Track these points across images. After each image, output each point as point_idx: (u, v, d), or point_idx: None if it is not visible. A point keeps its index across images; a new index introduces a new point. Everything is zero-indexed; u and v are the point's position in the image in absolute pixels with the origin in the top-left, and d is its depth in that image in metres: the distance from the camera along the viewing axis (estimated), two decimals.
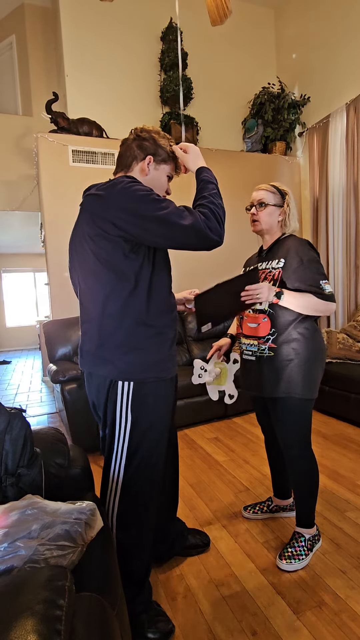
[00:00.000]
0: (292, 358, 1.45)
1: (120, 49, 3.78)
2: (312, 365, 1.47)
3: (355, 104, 3.48)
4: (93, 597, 0.68)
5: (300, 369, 1.45)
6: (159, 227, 1.02)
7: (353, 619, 1.26)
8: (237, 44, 4.32)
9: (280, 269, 1.46)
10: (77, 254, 1.20)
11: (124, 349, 1.13)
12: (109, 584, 0.84)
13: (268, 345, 1.48)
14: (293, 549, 1.54)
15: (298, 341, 1.45)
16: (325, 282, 1.43)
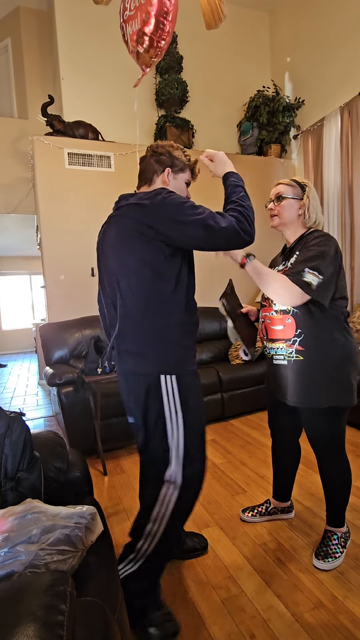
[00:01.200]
0: (324, 363, 1.39)
1: (116, 52, 3.79)
2: (344, 370, 1.41)
3: (349, 107, 3.51)
4: (94, 602, 0.68)
5: (331, 376, 1.39)
6: (197, 230, 1.11)
7: (351, 620, 1.27)
8: (232, 48, 4.34)
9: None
10: (113, 257, 1.26)
11: (169, 345, 1.21)
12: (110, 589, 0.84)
13: (295, 347, 1.42)
14: (328, 547, 1.54)
15: (329, 344, 1.39)
16: (310, 271, 1.33)
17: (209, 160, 1.37)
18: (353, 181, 3.52)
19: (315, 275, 1.33)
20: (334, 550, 1.53)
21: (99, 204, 3.51)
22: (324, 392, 1.41)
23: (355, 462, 2.31)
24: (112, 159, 3.56)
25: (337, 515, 1.57)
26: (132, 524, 1.34)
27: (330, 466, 1.52)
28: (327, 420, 1.45)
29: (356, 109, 3.44)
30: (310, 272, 1.33)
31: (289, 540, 1.68)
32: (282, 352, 1.48)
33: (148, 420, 1.23)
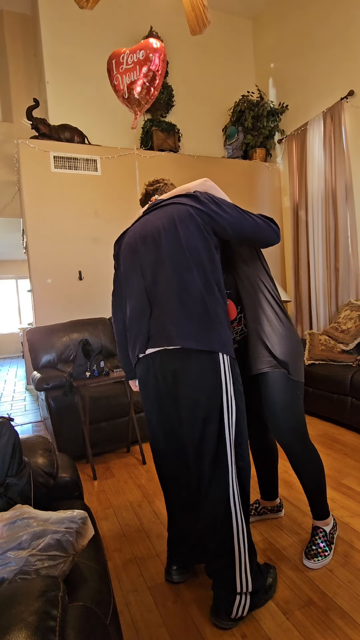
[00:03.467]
0: (269, 335, 1.46)
1: (101, 56, 3.79)
2: (290, 344, 1.46)
3: (332, 112, 3.58)
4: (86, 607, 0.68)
5: (279, 346, 1.45)
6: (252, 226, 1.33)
7: (341, 616, 1.29)
8: (217, 53, 4.40)
9: None
10: (165, 244, 1.30)
11: (224, 324, 1.27)
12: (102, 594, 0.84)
13: (242, 327, 1.51)
14: (317, 546, 1.55)
15: (269, 319, 1.46)
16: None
17: None
18: (336, 185, 3.58)
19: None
20: (323, 548, 1.55)
21: (85, 208, 3.50)
22: (276, 358, 1.45)
23: (343, 460, 2.34)
24: (98, 162, 3.55)
25: (319, 506, 1.59)
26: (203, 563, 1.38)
27: (297, 456, 1.53)
28: (286, 387, 1.47)
29: (339, 114, 3.51)
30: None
31: (278, 539, 1.70)
32: (235, 332, 1.55)
33: (209, 410, 1.23)
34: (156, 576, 1.53)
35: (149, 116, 3.97)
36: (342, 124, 3.51)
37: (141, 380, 1.38)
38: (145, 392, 1.37)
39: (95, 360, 2.39)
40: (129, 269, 1.39)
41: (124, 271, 1.42)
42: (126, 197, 3.68)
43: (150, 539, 1.77)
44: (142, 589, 1.48)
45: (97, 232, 3.55)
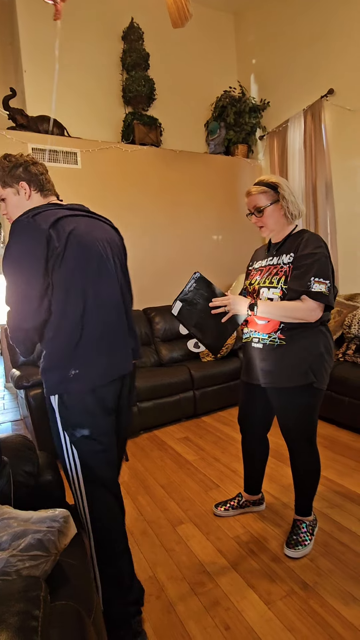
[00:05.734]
0: (308, 348, 1.43)
1: (81, 46, 3.71)
2: (324, 356, 1.46)
3: (312, 110, 3.62)
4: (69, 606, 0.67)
5: (313, 360, 1.44)
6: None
7: (321, 605, 1.32)
8: (199, 47, 4.37)
9: (291, 264, 1.43)
10: (119, 258, 1.39)
11: None
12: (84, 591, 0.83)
13: (278, 335, 1.45)
14: (297, 536, 1.59)
15: (309, 330, 1.43)
16: (317, 279, 1.34)
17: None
18: (317, 182, 3.63)
19: (321, 282, 1.34)
20: (303, 538, 1.58)
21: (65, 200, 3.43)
22: (305, 373, 1.43)
23: (321, 452, 2.39)
24: (78, 155, 3.48)
25: (305, 504, 1.62)
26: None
27: (302, 456, 1.57)
28: (302, 400, 1.48)
29: (319, 112, 3.56)
30: (316, 281, 1.34)
31: (260, 531, 1.73)
32: (260, 335, 1.50)
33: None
34: (140, 572, 1.53)
35: (130, 109, 3.91)
36: (322, 122, 3.55)
37: (108, 406, 1.21)
38: (109, 420, 1.23)
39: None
40: (97, 271, 1.22)
41: (86, 269, 1.20)
42: (107, 192, 3.63)
43: (133, 535, 1.76)
44: None
45: None
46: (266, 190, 1.48)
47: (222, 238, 4.30)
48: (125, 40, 3.79)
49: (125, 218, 3.73)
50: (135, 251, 3.80)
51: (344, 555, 1.53)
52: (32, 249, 1.11)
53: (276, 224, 1.52)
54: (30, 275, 1.11)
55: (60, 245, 1.14)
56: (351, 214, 3.46)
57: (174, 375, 3.08)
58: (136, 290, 3.94)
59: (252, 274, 1.62)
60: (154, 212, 3.89)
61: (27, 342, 1.20)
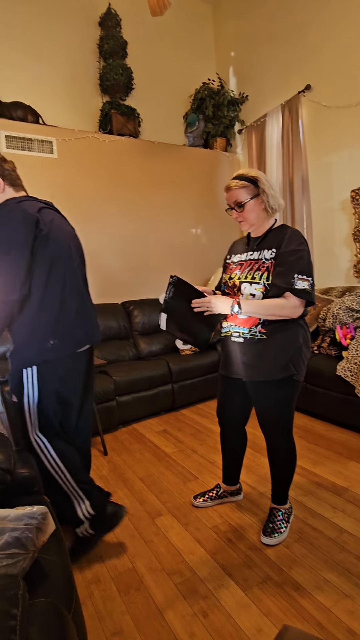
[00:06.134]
0: (287, 342, 1.45)
1: (56, 31, 3.59)
2: (303, 349, 1.49)
3: (290, 105, 3.65)
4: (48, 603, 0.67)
5: (293, 353, 1.46)
6: None
7: (295, 588, 1.37)
8: (178, 37, 4.31)
9: (273, 260, 1.43)
10: (79, 254, 1.59)
11: None
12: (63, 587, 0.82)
13: (259, 329, 1.46)
14: (273, 524, 1.63)
15: (289, 324, 1.45)
16: (300, 276, 1.36)
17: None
18: (294, 177, 3.68)
19: (304, 279, 1.37)
20: (279, 526, 1.63)
21: (40, 192, 3.33)
22: (286, 366, 1.46)
23: (297, 442, 2.46)
24: (54, 144, 3.39)
25: (282, 493, 1.67)
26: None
27: (279, 447, 1.61)
28: (282, 393, 1.51)
29: (296, 107, 3.59)
30: (300, 279, 1.36)
31: (238, 520, 1.77)
32: (240, 329, 1.51)
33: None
34: (119, 565, 1.54)
35: (107, 98, 3.83)
36: (299, 117, 3.58)
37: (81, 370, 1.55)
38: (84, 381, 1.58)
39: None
40: (69, 259, 1.46)
41: (63, 254, 1.44)
42: (84, 182, 3.56)
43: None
44: (104, 579, 1.48)
45: None
46: (246, 185, 1.47)
47: (201, 231, 4.30)
48: (102, 27, 3.69)
49: (102, 209, 3.67)
50: (112, 244, 3.75)
51: (317, 541, 1.59)
52: (22, 227, 1.29)
53: (257, 219, 1.51)
54: (20, 249, 1.29)
55: (46, 229, 1.34)
56: (326, 209, 3.53)
57: (152, 369, 3.08)
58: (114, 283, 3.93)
59: (231, 268, 1.61)
60: (132, 204, 3.84)
61: (8, 317, 1.35)
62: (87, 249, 3.62)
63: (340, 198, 3.39)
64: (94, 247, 3.64)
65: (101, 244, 3.68)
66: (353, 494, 1.88)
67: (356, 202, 3.19)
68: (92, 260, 3.63)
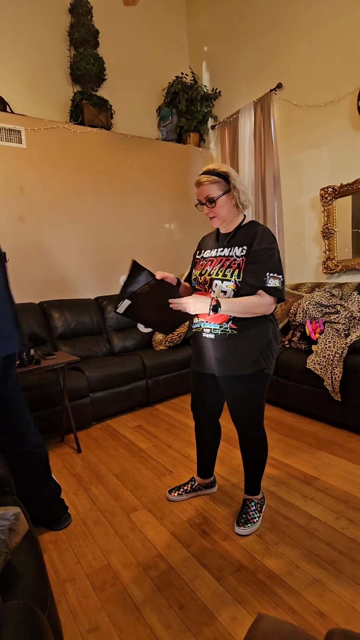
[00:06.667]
0: (258, 337, 1.48)
1: (23, 16, 3.45)
2: (272, 343, 1.52)
3: (262, 102, 3.69)
4: (22, 605, 0.66)
5: (262, 347, 1.49)
6: None
7: (268, 576, 1.41)
8: (151, 29, 4.25)
9: (244, 256, 1.44)
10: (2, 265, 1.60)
11: None
12: (38, 588, 0.81)
13: (229, 325, 1.47)
14: (246, 514, 1.67)
15: (263, 324, 1.48)
16: (272, 274, 1.40)
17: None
18: (265, 174, 3.73)
19: (276, 277, 1.40)
20: (252, 516, 1.67)
21: (8, 183, 3.22)
22: (257, 360, 1.49)
23: (268, 434, 2.52)
24: (22, 133, 3.27)
25: (254, 484, 1.71)
26: None
27: (251, 438, 1.64)
28: (253, 386, 1.54)
29: (268, 105, 3.63)
30: (272, 277, 1.39)
31: (212, 512, 1.80)
32: (211, 325, 1.52)
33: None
34: (94, 562, 1.54)
35: (78, 88, 3.73)
36: (271, 115, 3.63)
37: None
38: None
39: (25, 348, 2.26)
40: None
41: None
42: (56, 174, 3.46)
43: (87, 526, 1.76)
44: (79, 577, 1.47)
45: (23, 210, 3.30)
46: (218, 180, 1.47)
47: (175, 226, 4.30)
48: (73, 14, 3.59)
49: (73, 202, 3.59)
50: (84, 238, 3.68)
51: (288, 529, 1.64)
52: None
53: (228, 214, 1.52)
54: None
55: None
56: (297, 207, 3.61)
57: (126, 365, 3.06)
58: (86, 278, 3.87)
59: (201, 264, 1.61)
60: (104, 198, 3.78)
61: None
62: (58, 243, 3.55)
63: (310, 196, 3.48)
64: (64, 241, 3.56)
65: (72, 238, 3.60)
66: (322, 483, 1.95)
67: (325, 200, 3.28)
68: (63, 255, 3.56)
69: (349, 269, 3.19)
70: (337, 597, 1.30)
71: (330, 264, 3.32)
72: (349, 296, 2.93)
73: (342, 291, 3.03)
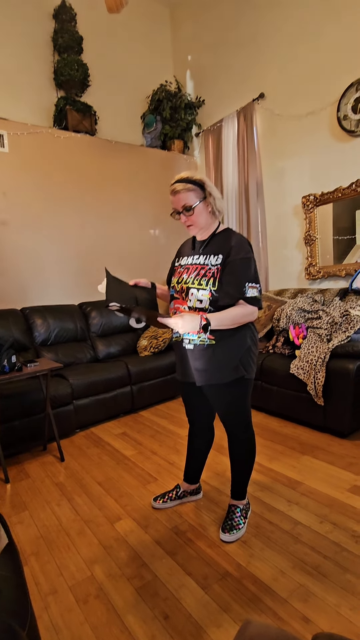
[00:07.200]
0: (237, 346, 1.49)
1: (6, 19, 3.43)
2: (252, 346, 1.54)
3: (245, 111, 3.75)
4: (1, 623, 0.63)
5: (244, 352, 1.50)
6: None
7: (253, 582, 1.41)
8: (135, 37, 4.28)
9: (219, 265, 1.45)
10: None
11: None
12: (17, 603, 0.79)
13: (207, 335, 1.47)
14: (232, 521, 1.66)
15: (241, 331, 1.49)
16: (250, 284, 1.42)
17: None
18: (249, 182, 3.79)
19: (254, 286, 1.43)
20: (237, 522, 1.67)
21: None
22: (236, 368, 1.50)
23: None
24: (5, 137, 3.24)
25: (241, 489, 1.71)
26: None
27: (239, 437, 1.65)
28: (236, 392, 1.55)
29: (251, 114, 3.70)
30: (250, 287, 1.42)
31: (197, 519, 1.78)
32: (190, 336, 1.52)
33: None
34: (77, 573, 1.50)
35: (62, 93, 3.72)
36: (254, 124, 3.69)
37: None
38: None
39: (6, 355, 2.21)
40: None
41: None
42: (39, 178, 3.43)
43: (69, 537, 1.72)
44: (62, 590, 1.43)
45: (5, 214, 3.26)
46: (194, 188, 1.47)
47: (159, 232, 4.30)
48: (57, 20, 3.58)
49: (57, 208, 3.56)
50: (68, 244, 3.65)
51: (273, 534, 1.64)
52: None
53: (205, 222, 1.52)
54: None
55: None
56: (279, 214, 3.67)
57: (111, 371, 3.03)
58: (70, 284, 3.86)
59: (178, 272, 1.60)
60: (88, 203, 3.76)
61: None
62: (41, 248, 3.50)
63: (292, 203, 3.54)
64: (48, 246, 3.52)
65: (56, 243, 3.57)
66: (307, 487, 1.96)
67: (307, 207, 3.35)
68: (46, 261, 3.52)
69: (331, 275, 3.25)
70: (321, 601, 1.31)
71: (313, 270, 3.37)
72: (331, 302, 2.98)
73: (324, 297, 3.08)
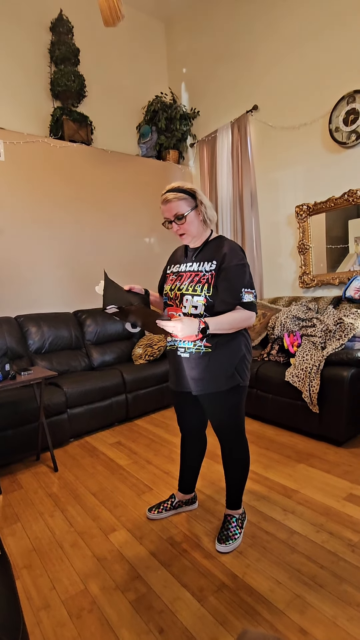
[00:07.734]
0: (231, 353, 1.49)
1: (4, 32, 3.47)
2: (246, 353, 1.54)
3: (239, 123, 3.81)
4: None
5: (236, 363, 1.50)
6: None
7: (249, 594, 1.39)
8: (131, 50, 4.35)
9: (213, 271, 1.46)
10: None
11: None
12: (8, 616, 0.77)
13: (204, 343, 1.48)
14: (227, 531, 1.64)
15: (236, 339, 1.50)
16: (246, 290, 1.44)
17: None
18: (243, 191, 3.83)
19: (249, 292, 1.46)
20: (233, 532, 1.65)
21: None
22: (232, 376, 1.50)
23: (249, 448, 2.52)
24: (1, 146, 3.25)
25: (236, 498, 1.70)
26: None
27: (233, 447, 1.64)
28: (231, 400, 1.55)
29: (245, 125, 3.75)
30: (246, 292, 1.44)
31: (193, 530, 1.76)
32: (186, 345, 1.52)
33: None
34: (70, 587, 1.47)
35: (58, 103, 3.76)
36: (247, 135, 3.75)
37: None
38: None
39: (0, 363, 2.19)
40: None
41: None
42: (35, 187, 3.44)
43: (63, 549, 1.69)
44: (54, 604, 1.40)
45: (1, 223, 3.26)
46: (185, 197, 1.48)
47: (154, 241, 4.32)
48: (54, 32, 3.63)
49: (53, 216, 3.57)
50: (63, 251, 3.65)
51: (269, 544, 1.62)
52: None
53: (197, 230, 1.54)
54: None
55: None
56: (273, 223, 3.71)
57: (105, 379, 3.02)
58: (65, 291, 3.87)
59: (171, 279, 1.61)
60: (83, 212, 3.78)
61: None
62: (36, 256, 3.50)
63: (286, 213, 3.58)
64: (43, 254, 3.52)
65: (51, 251, 3.57)
66: (302, 496, 1.95)
67: (300, 217, 3.39)
68: (41, 269, 3.51)
69: (324, 283, 3.28)
70: (318, 612, 1.29)
71: (306, 278, 3.40)
72: (325, 310, 3.00)
73: (318, 305, 3.10)
